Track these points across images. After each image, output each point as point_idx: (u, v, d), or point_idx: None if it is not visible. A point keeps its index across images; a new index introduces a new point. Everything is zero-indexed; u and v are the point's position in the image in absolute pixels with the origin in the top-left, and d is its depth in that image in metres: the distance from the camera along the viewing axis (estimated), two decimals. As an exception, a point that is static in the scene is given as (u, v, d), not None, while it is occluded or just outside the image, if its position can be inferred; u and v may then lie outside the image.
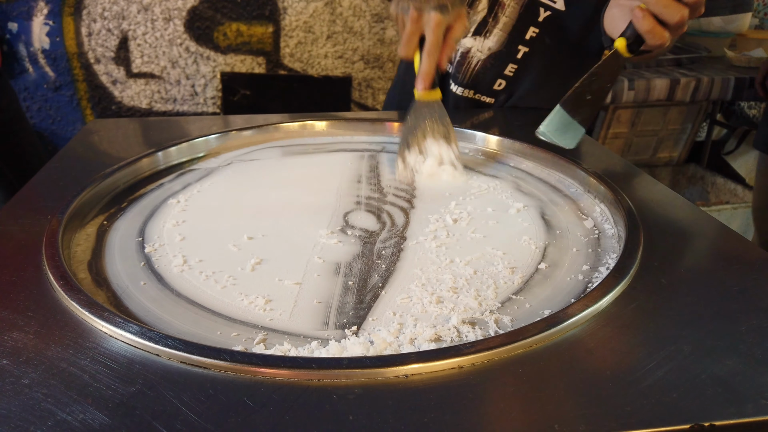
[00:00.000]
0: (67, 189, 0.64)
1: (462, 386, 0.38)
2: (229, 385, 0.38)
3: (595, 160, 0.78)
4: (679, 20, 0.58)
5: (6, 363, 0.39)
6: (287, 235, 0.61)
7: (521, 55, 0.94)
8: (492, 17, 0.92)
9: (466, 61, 0.96)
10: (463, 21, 0.70)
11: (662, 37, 0.59)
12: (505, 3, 0.91)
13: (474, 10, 0.93)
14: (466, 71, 0.97)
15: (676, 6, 0.58)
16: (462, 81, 0.97)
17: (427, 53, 0.69)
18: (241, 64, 2.56)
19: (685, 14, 0.58)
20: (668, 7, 0.57)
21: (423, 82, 0.71)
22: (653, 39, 0.59)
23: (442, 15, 0.67)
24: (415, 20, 0.68)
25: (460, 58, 0.96)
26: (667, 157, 2.75)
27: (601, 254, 0.57)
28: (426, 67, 0.70)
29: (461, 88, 0.98)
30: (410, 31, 0.69)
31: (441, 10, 0.67)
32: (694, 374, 0.39)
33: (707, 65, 2.20)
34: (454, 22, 0.70)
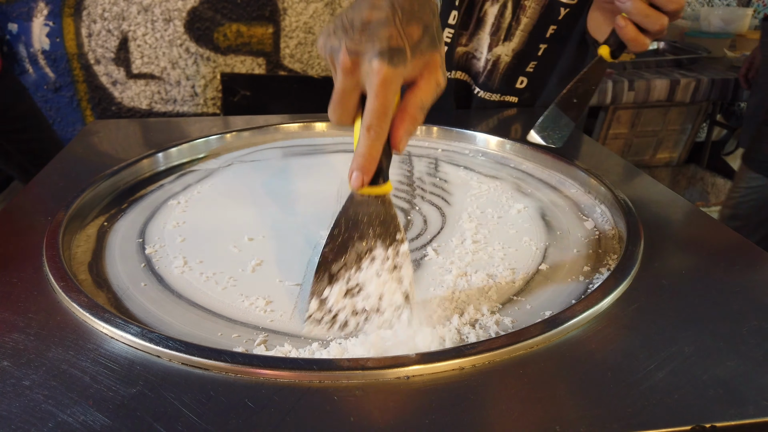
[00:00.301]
0: (68, 190, 0.64)
1: (463, 387, 0.38)
2: (230, 386, 0.38)
3: (595, 160, 0.78)
4: (659, 29, 0.60)
5: (7, 364, 0.39)
6: (287, 236, 0.61)
7: (541, 52, 0.95)
8: (515, 20, 0.93)
9: (496, 68, 0.96)
10: (434, 75, 0.44)
11: (644, 45, 0.62)
12: (525, 5, 0.91)
13: (503, 17, 0.93)
14: (495, 77, 0.97)
15: (656, 15, 0.60)
16: (492, 87, 0.98)
17: (367, 128, 0.42)
18: (241, 64, 2.57)
19: (664, 23, 0.60)
20: (649, 17, 0.60)
21: (362, 173, 0.44)
22: (635, 47, 0.62)
23: (392, 66, 0.41)
24: (349, 71, 0.43)
25: (491, 67, 0.96)
26: (667, 157, 2.75)
27: (601, 255, 0.57)
28: (365, 151, 0.43)
29: (489, 93, 0.99)
30: (342, 87, 0.44)
31: (391, 57, 0.41)
32: (696, 375, 0.39)
33: (707, 66, 2.20)
34: (417, 75, 0.44)
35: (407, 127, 0.44)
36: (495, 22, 0.93)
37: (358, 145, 0.44)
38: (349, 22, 0.43)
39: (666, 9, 0.60)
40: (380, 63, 0.41)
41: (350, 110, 0.45)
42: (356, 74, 0.43)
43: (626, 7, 0.60)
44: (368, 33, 0.42)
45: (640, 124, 2.55)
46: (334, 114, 0.46)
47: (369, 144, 0.43)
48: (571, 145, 0.87)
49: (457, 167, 0.79)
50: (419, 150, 0.84)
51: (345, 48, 0.42)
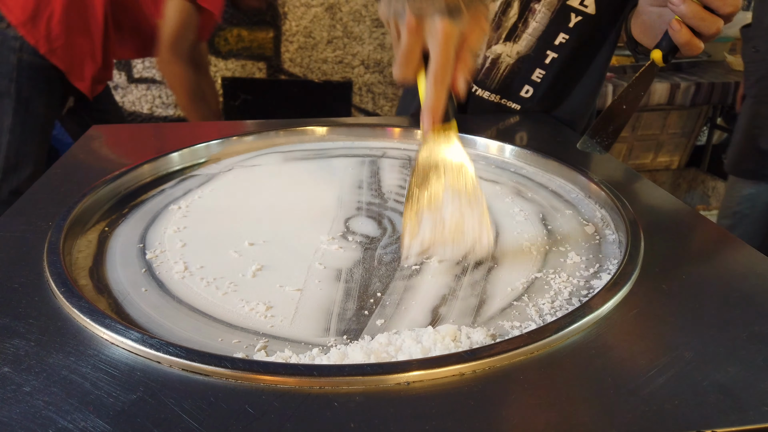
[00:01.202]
0: (69, 195, 0.64)
1: (463, 393, 0.38)
2: (230, 392, 0.38)
3: (596, 165, 0.78)
4: (714, 32, 0.59)
5: (7, 371, 0.39)
6: (288, 241, 0.61)
7: (549, 60, 0.94)
8: (522, 22, 0.92)
9: (496, 67, 0.95)
10: (481, 25, 0.51)
11: (698, 48, 0.61)
12: (535, 9, 0.90)
13: (506, 16, 0.92)
14: (495, 77, 0.96)
15: (712, 19, 0.58)
16: (490, 86, 0.97)
17: (434, 78, 0.49)
18: (242, 69, 2.57)
19: (720, 26, 0.59)
20: (705, 20, 0.58)
21: (431, 117, 0.51)
22: (690, 50, 0.61)
23: (453, 22, 0.48)
24: (414, 30, 0.49)
25: (489, 65, 0.95)
26: (667, 161, 2.75)
27: (602, 260, 0.57)
28: (434, 97, 0.50)
29: (487, 92, 0.98)
30: (408, 46, 0.50)
31: (451, 14, 0.48)
32: (696, 381, 0.39)
33: (707, 69, 2.21)
34: (469, 29, 0.50)
35: (465, 71, 0.51)
36: (495, 18, 0.92)
37: (426, 94, 0.51)
38: None
39: (721, 12, 0.58)
40: (442, 20, 0.48)
41: (415, 66, 0.52)
42: (420, 33, 0.49)
43: (680, 10, 0.59)
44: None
45: (641, 128, 2.55)
46: (401, 70, 0.52)
47: (437, 91, 0.50)
48: (571, 150, 0.87)
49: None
50: (419, 154, 0.85)
51: (409, 10, 0.49)
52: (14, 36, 1.51)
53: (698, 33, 0.60)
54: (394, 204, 0.69)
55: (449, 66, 0.50)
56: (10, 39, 1.51)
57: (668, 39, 0.62)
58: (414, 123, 0.93)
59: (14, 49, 1.51)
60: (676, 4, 0.59)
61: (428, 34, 0.49)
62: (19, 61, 1.52)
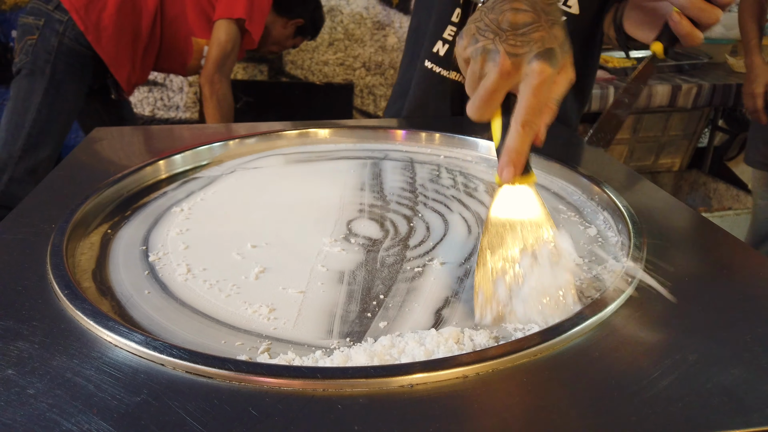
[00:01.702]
0: (72, 197, 0.64)
1: (467, 396, 0.38)
2: (234, 394, 0.38)
3: (597, 166, 0.78)
4: (714, 21, 0.60)
5: (11, 373, 0.39)
6: (291, 243, 0.61)
7: None
8: None
9: None
10: (568, 72, 0.48)
11: (698, 39, 0.61)
12: None
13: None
14: None
15: (711, 9, 0.59)
16: None
17: (523, 122, 0.46)
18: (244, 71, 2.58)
19: (719, 15, 0.60)
20: (704, 11, 0.59)
21: (513, 165, 0.48)
22: (690, 41, 0.62)
23: (551, 67, 0.45)
24: (507, 73, 0.46)
25: None
26: (669, 163, 2.75)
27: (604, 262, 0.57)
28: (519, 143, 0.47)
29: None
30: (494, 87, 0.47)
31: (550, 59, 0.45)
32: (700, 384, 0.39)
33: (708, 72, 2.21)
34: (560, 74, 0.48)
35: (548, 120, 0.49)
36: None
37: (509, 140, 0.47)
38: (495, 25, 0.47)
39: (719, 2, 0.59)
40: (541, 64, 0.45)
41: (495, 107, 0.49)
42: (514, 75, 0.46)
43: (680, 2, 0.60)
44: (521, 36, 0.46)
45: (642, 130, 2.55)
46: (478, 111, 0.49)
47: (522, 139, 0.46)
48: (573, 151, 0.87)
49: (460, 174, 0.79)
50: (422, 156, 0.85)
51: (504, 51, 0.46)
52: (59, 19, 1.56)
53: (697, 24, 0.61)
54: (396, 206, 0.69)
55: (541, 113, 0.47)
56: (55, 21, 1.56)
57: (668, 31, 0.63)
58: (410, 125, 0.93)
59: (57, 31, 1.57)
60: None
61: (524, 77, 0.46)
62: (59, 44, 1.58)
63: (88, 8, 1.57)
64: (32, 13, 1.59)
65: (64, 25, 1.56)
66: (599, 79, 2.02)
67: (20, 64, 1.60)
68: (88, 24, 1.57)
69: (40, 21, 1.56)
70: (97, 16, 1.58)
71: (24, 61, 1.59)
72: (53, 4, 1.56)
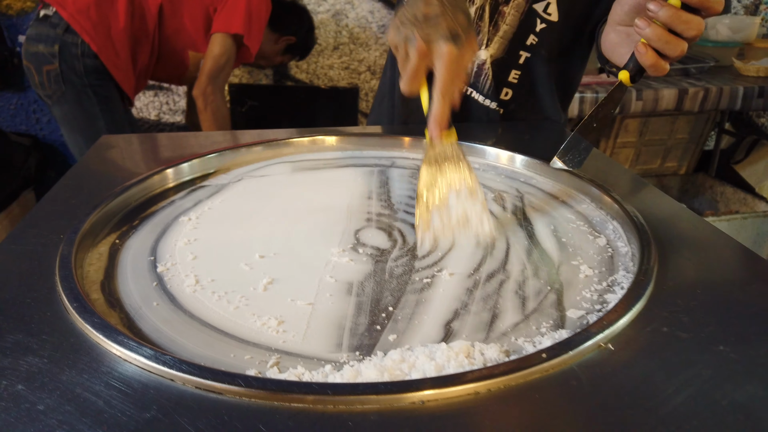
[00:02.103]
0: (79, 207, 0.65)
1: (479, 413, 0.38)
2: (244, 411, 0.38)
3: (602, 172, 0.77)
4: (679, 54, 0.61)
5: (21, 388, 0.39)
6: (298, 253, 0.61)
7: (523, 60, 0.95)
8: (492, 25, 0.93)
9: (483, 71, 0.96)
10: (473, 48, 0.61)
11: (663, 70, 0.63)
12: (504, 11, 0.92)
13: (482, 21, 0.93)
14: (485, 81, 0.97)
15: (676, 42, 0.60)
16: (482, 90, 0.98)
17: (441, 94, 0.59)
18: (249, 75, 2.58)
19: (684, 48, 0.61)
20: (669, 43, 0.60)
21: (439, 126, 0.61)
22: (655, 72, 0.63)
23: (457, 47, 0.57)
24: (423, 54, 0.58)
25: (477, 69, 0.96)
26: (675, 166, 2.74)
27: (615, 274, 0.56)
28: (440, 109, 0.60)
29: (482, 96, 0.98)
30: (416, 66, 0.59)
31: (455, 40, 0.57)
32: (714, 400, 0.38)
33: (715, 75, 2.20)
34: (465, 51, 0.60)
35: (461, 86, 0.61)
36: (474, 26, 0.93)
37: (432, 106, 0.60)
38: (413, 17, 0.59)
39: (686, 35, 0.60)
40: (448, 46, 0.57)
41: (420, 82, 0.62)
42: (427, 55, 0.59)
43: (645, 34, 0.60)
44: (432, 24, 0.58)
45: (648, 133, 2.54)
46: (408, 85, 0.62)
47: (443, 105, 0.60)
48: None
49: (467, 182, 0.78)
50: (429, 164, 0.84)
51: (419, 36, 0.58)
52: (73, 42, 1.55)
53: (663, 55, 0.62)
54: (404, 215, 0.69)
55: (452, 83, 0.59)
56: (70, 45, 1.56)
57: (635, 60, 0.64)
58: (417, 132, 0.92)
59: (76, 55, 1.56)
60: (642, 27, 0.60)
61: (435, 58, 0.58)
62: (84, 66, 1.58)
63: (98, 28, 1.56)
64: (40, 39, 1.57)
65: (80, 47, 1.55)
66: (605, 82, 2.01)
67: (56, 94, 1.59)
68: (100, 43, 1.56)
69: (53, 48, 1.55)
70: (106, 34, 1.57)
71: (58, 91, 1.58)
72: (61, 27, 1.54)
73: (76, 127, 1.65)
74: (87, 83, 1.59)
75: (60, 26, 1.55)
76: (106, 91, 1.64)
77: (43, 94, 1.62)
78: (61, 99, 1.60)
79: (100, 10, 1.57)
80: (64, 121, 1.66)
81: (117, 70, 1.62)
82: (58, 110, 1.63)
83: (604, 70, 0.90)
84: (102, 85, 1.62)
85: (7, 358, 0.42)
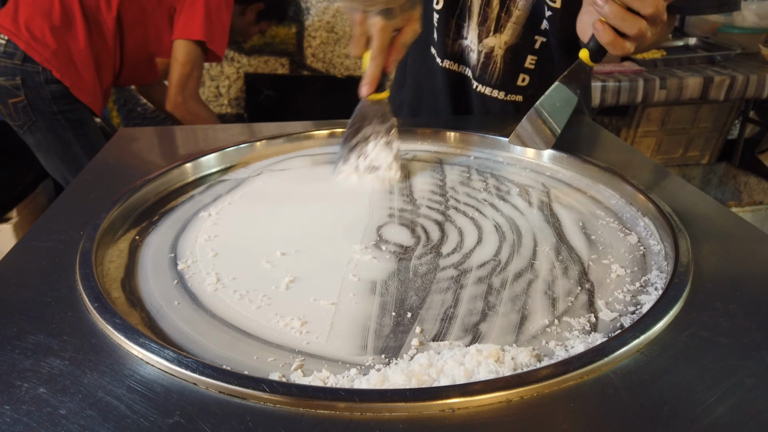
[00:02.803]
0: (99, 202, 0.64)
1: (511, 422, 0.36)
2: (268, 417, 0.37)
3: (623, 163, 0.75)
4: (637, 32, 0.61)
5: (43, 391, 0.38)
6: (320, 250, 0.59)
7: (539, 45, 0.92)
8: (504, 12, 0.90)
9: (492, 61, 0.94)
10: (413, 25, 0.70)
11: (623, 48, 0.63)
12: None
13: (490, 8, 0.91)
14: (493, 71, 0.94)
15: (633, 19, 0.60)
16: (490, 81, 0.95)
17: (372, 57, 0.69)
18: (265, 64, 2.56)
19: (642, 26, 0.61)
20: (625, 20, 0.61)
21: (368, 86, 0.71)
22: (614, 50, 0.63)
23: (386, 19, 0.66)
24: (361, 23, 0.67)
25: (485, 59, 0.94)
26: (698, 155, 2.68)
27: (648, 273, 0.54)
28: (371, 71, 0.70)
29: (489, 88, 0.96)
30: (358, 33, 0.69)
31: (385, 14, 0.66)
32: (759, 411, 0.37)
33: (741, 62, 2.14)
34: (403, 25, 0.69)
35: (395, 56, 0.71)
36: (481, 12, 0.91)
37: (366, 69, 0.71)
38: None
39: (642, 12, 0.60)
40: (378, 18, 0.67)
41: (362, 47, 0.70)
42: (364, 25, 0.68)
43: (603, 11, 0.61)
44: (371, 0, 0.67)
45: (671, 122, 2.49)
46: (353, 48, 0.71)
47: (374, 67, 0.70)
48: (609, 152, 0.84)
49: (492, 176, 0.77)
50: (451, 158, 0.83)
51: (358, 9, 0.67)
52: (34, 71, 1.49)
53: (622, 33, 0.62)
54: (427, 211, 0.68)
55: (383, 50, 0.69)
56: (32, 74, 1.49)
57: (594, 39, 0.64)
58: (437, 123, 0.91)
59: (40, 83, 1.50)
60: (600, 5, 0.61)
61: (369, 28, 0.67)
62: (51, 92, 1.52)
63: (57, 55, 1.49)
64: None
65: (42, 75, 1.49)
66: (628, 71, 1.97)
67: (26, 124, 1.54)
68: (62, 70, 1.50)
69: (15, 80, 1.48)
70: (67, 59, 1.51)
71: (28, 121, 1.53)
72: (19, 57, 1.47)
73: (53, 153, 1.60)
74: (57, 110, 1.53)
75: (17, 56, 1.47)
76: (77, 115, 1.58)
77: (14, 124, 1.56)
78: (33, 127, 1.55)
79: (57, 34, 1.49)
80: (40, 149, 1.60)
81: (83, 93, 1.56)
82: (32, 138, 1.57)
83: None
84: (72, 109, 1.56)
85: (29, 360, 0.41)
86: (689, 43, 2.28)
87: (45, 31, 1.48)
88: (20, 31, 1.48)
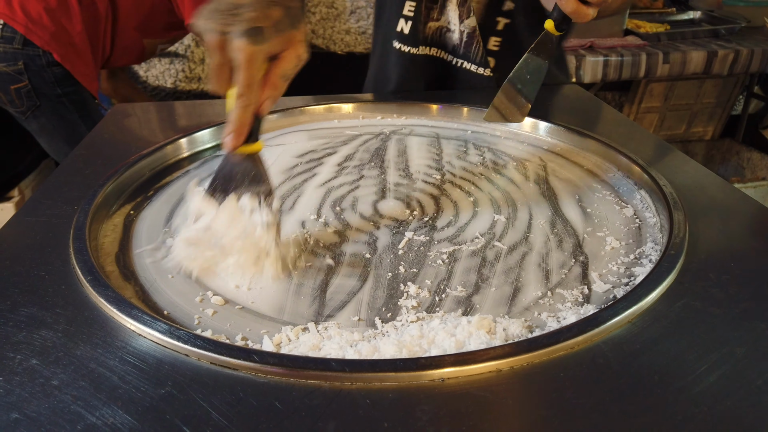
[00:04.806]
0: (93, 177, 0.64)
1: (500, 391, 0.36)
2: (259, 387, 0.37)
3: (626, 137, 0.74)
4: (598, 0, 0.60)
5: (36, 363, 0.39)
6: (315, 223, 0.59)
7: (502, 26, 0.91)
8: None
9: (474, 40, 0.92)
10: (296, 49, 0.50)
11: (586, 15, 0.61)
12: None
13: None
14: (478, 50, 0.93)
15: None
16: (475, 59, 0.94)
17: (238, 96, 0.48)
18: (264, 41, 2.54)
19: None
20: None
21: (234, 136, 0.49)
22: (578, 18, 0.62)
23: (254, 44, 0.46)
24: (219, 48, 0.47)
25: (467, 39, 0.92)
26: (701, 131, 2.66)
27: (643, 246, 0.54)
28: (237, 115, 0.48)
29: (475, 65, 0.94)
30: (217, 62, 0.48)
31: (252, 36, 0.46)
32: (749, 380, 0.37)
33: (746, 36, 2.11)
34: (281, 50, 0.49)
35: (270, 93, 0.49)
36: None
37: (230, 112, 0.49)
38: (220, 5, 0.48)
39: None
40: (242, 41, 0.46)
41: (224, 82, 0.49)
42: (224, 52, 0.47)
43: None
44: (234, 15, 0.46)
45: (674, 98, 2.46)
46: (212, 85, 0.50)
47: (240, 110, 0.48)
48: (601, 122, 0.84)
49: (488, 150, 0.76)
50: (448, 132, 0.82)
51: (214, 30, 0.47)
52: (35, 54, 1.48)
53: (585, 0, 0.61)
54: (422, 185, 0.67)
55: (252, 86, 0.48)
56: (34, 57, 1.48)
57: (558, 8, 0.64)
58: (436, 98, 0.90)
59: (42, 66, 1.49)
60: None
61: (232, 54, 0.47)
62: (53, 75, 1.51)
63: (56, 36, 1.47)
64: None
65: (43, 58, 1.47)
66: (630, 45, 1.94)
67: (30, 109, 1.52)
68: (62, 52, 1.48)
69: (18, 65, 1.46)
70: (66, 41, 1.49)
71: (32, 106, 1.51)
72: (18, 41, 1.44)
73: (57, 136, 1.59)
74: (61, 93, 1.52)
75: (16, 40, 1.44)
76: (80, 96, 1.57)
77: (15, 111, 1.53)
78: (37, 112, 1.53)
79: (54, 16, 1.47)
80: (44, 133, 1.59)
81: (83, 76, 1.55)
82: (35, 123, 1.56)
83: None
84: (75, 91, 1.55)
85: (22, 332, 0.41)
86: (694, 17, 2.25)
87: (41, 12, 1.47)
88: (15, 13, 1.46)
